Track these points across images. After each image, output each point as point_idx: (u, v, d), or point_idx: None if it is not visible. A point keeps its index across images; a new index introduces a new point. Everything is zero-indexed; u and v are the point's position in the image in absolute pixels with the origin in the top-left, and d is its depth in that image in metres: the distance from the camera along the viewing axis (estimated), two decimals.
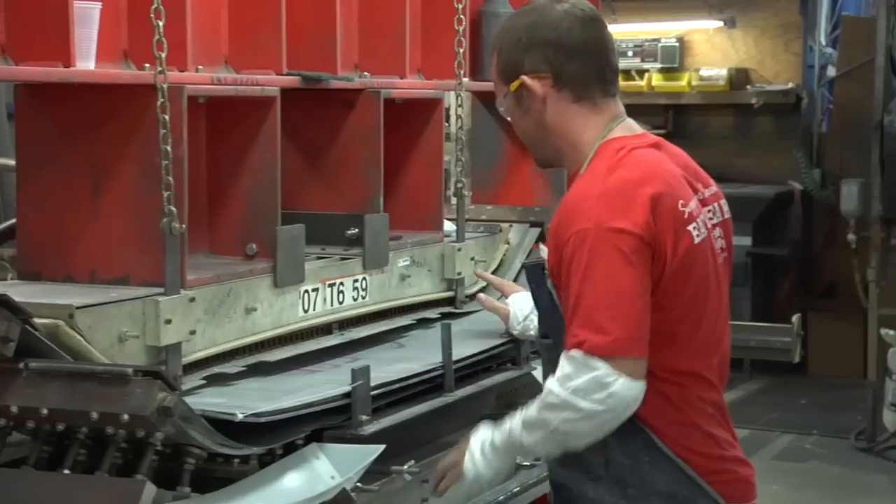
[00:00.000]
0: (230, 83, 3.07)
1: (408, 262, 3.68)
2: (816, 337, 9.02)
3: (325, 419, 2.84)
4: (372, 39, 3.64)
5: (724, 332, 2.71)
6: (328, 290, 3.36)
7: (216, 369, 2.95)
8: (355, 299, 3.46)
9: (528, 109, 2.68)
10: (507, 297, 3.53)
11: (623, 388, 2.46)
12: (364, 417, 2.87)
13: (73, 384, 2.41)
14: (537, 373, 3.46)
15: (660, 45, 10.50)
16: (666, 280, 2.51)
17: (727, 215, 2.75)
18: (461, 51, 3.80)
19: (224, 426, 2.57)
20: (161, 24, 2.76)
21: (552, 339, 2.65)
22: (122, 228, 2.89)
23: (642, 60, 10.53)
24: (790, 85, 10.24)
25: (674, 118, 10.69)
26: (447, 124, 3.90)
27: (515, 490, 3.33)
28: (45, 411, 2.44)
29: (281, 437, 2.71)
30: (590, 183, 2.56)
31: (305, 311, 3.27)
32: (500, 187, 4.68)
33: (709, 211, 2.66)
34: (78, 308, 2.62)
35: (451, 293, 3.89)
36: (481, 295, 3.64)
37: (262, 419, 2.63)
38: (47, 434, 2.53)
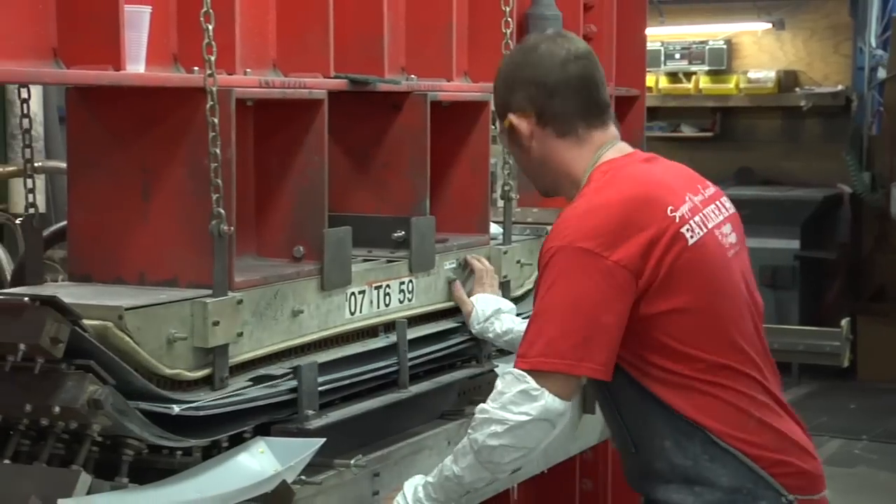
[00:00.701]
0: (278, 86, 3.09)
1: (454, 265, 3.68)
2: (865, 341, 8.96)
3: (271, 413, 2.90)
4: (419, 42, 3.64)
5: (757, 324, 2.78)
6: (374, 292, 3.36)
7: (262, 371, 2.97)
8: (401, 302, 3.46)
9: (520, 145, 2.83)
10: (473, 294, 3.56)
11: (550, 402, 2.58)
12: (310, 412, 2.93)
13: (10, 377, 2.44)
14: (499, 370, 3.50)
15: (707, 47, 10.47)
16: (659, 288, 2.60)
17: (731, 210, 2.83)
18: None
19: (169, 419, 2.62)
20: (210, 27, 2.78)
21: None
22: (171, 231, 2.91)
23: (689, 63, 10.50)
24: (839, 87, 10.17)
25: (721, 121, 10.64)
26: (493, 127, 3.89)
27: None
28: None
29: (226, 431, 2.76)
30: (575, 205, 2.70)
31: (352, 314, 3.28)
32: None
33: (711, 210, 2.74)
34: (127, 310, 2.64)
35: None
36: (456, 283, 3.65)
37: (201, 413, 2.67)
38: None
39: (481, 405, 2.66)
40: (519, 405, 2.58)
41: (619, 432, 2.81)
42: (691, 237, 2.63)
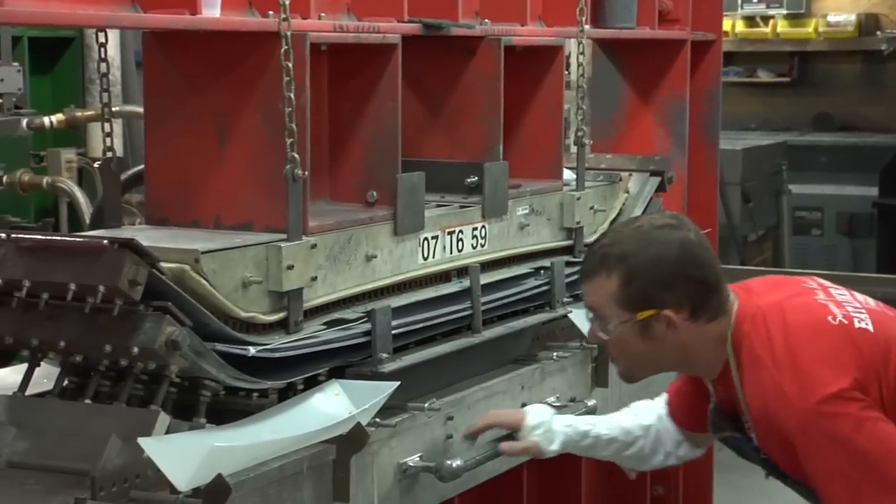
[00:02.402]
0: (352, 30, 3.09)
1: (527, 211, 3.68)
2: None
3: (346, 356, 2.92)
4: None
5: None
6: (447, 237, 3.37)
7: (336, 315, 2.99)
8: (474, 247, 3.47)
9: (653, 338, 2.68)
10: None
11: None
12: (384, 355, 2.94)
13: (90, 318, 2.46)
14: (573, 315, 3.48)
15: None
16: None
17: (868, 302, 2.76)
18: None
19: (245, 361, 2.64)
20: None
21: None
22: (246, 175, 2.93)
23: (767, 6, 10.33)
24: None
25: (799, 66, 10.48)
26: (567, 72, 3.87)
27: None
28: (62, 344, 2.51)
29: (300, 373, 2.78)
30: (775, 361, 2.55)
31: (425, 259, 3.29)
32: (620, 136, 4.65)
33: (838, 294, 2.73)
34: (203, 253, 2.66)
35: (569, 242, 3.88)
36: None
37: (276, 355, 2.69)
38: (71, 366, 2.61)
39: None
40: None
41: None
42: (858, 321, 2.60)
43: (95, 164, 3.24)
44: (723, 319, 2.67)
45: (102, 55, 3.03)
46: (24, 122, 4.89)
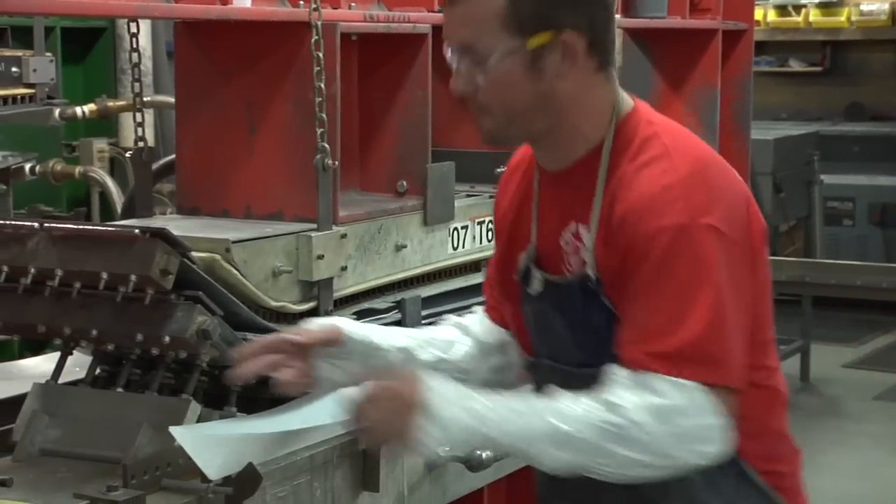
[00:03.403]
0: (382, 20, 3.09)
1: None
2: None
3: None
4: None
5: None
6: (477, 227, 3.37)
7: (366, 305, 2.99)
8: None
9: (540, 73, 2.08)
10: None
11: (728, 442, 2.00)
12: None
13: (122, 307, 2.47)
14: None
15: None
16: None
17: None
18: None
19: None
20: None
21: (595, 364, 2.06)
22: (277, 165, 2.94)
23: None
24: None
25: (831, 55, 10.42)
26: None
27: None
28: (94, 332, 2.52)
29: None
30: (664, 168, 2.04)
31: (454, 249, 3.29)
32: None
33: None
34: (234, 242, 2.68)
35: None
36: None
37: None
38: (103, 355, 2.62)
39: (630, 407, 1.95)
40: (696, 443, 1.97)
41: None
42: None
43: (127, 154, 3.25)
44: (612, 81, 2.14)
45: (134, 45, 3.04)
46: (57, 112, 4.91)
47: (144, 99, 3.18)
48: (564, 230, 2.14)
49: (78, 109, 5.20)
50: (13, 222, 2.57)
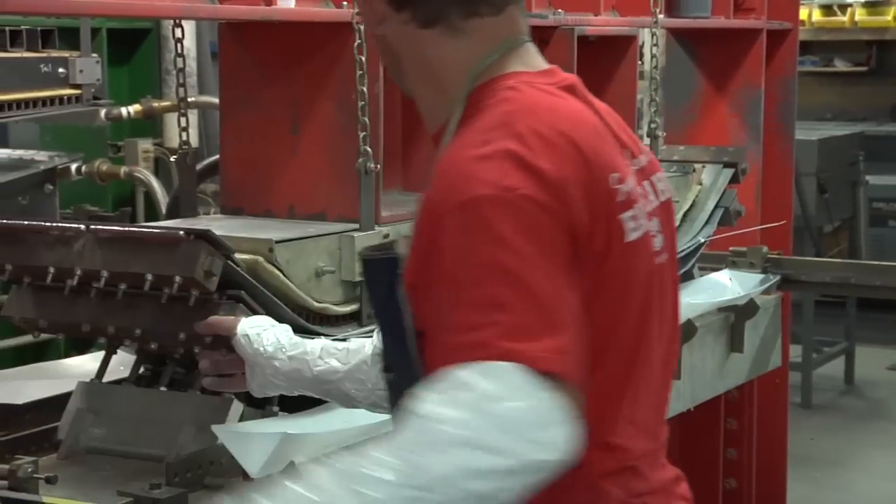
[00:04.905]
0: None
1: None
2: None
3: None
4: None
5: (668, 387, 1.87)
6: None
7: None
8: None
9: (369, 23, 1.87)
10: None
11: (573, 428, 1.56)
12: None
13: (165, 307, 2.48)
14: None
15: None
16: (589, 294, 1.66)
17: (665, 195, 1.86)
18: None
19: None
20: None
21: (396, 372, 1.77)
22: (320, 165, 2.95)
23: None
24: None
25: (877, 55, 10.33)
26: (641, 62, 3.84)
27: None
28: (138, 332, 2.53)
29: None
30: (468, 141, 1.67)
31: None
32: (694, 127, 4.62)
33: (648, 190, 1.81)
34: (277, 242, 2.69)
35: None
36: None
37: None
38: (147, 354, 2.64)
39: (430, 403, 1.55)
40: (527, 431, 1.54)
41: None
42: (632, 230, 1.72)
43: (172, 159, 3.27)
44: (459, 43, 1.77)
45: (179, 51, 3.06)
46: (103, 112, 4.95)
47: (189, 99, 3.20)
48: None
49: (123, 110, 5.24)
50: (60, 224, 2.60)
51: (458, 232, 1.60)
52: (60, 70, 4.12)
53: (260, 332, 2.20)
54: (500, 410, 1.51)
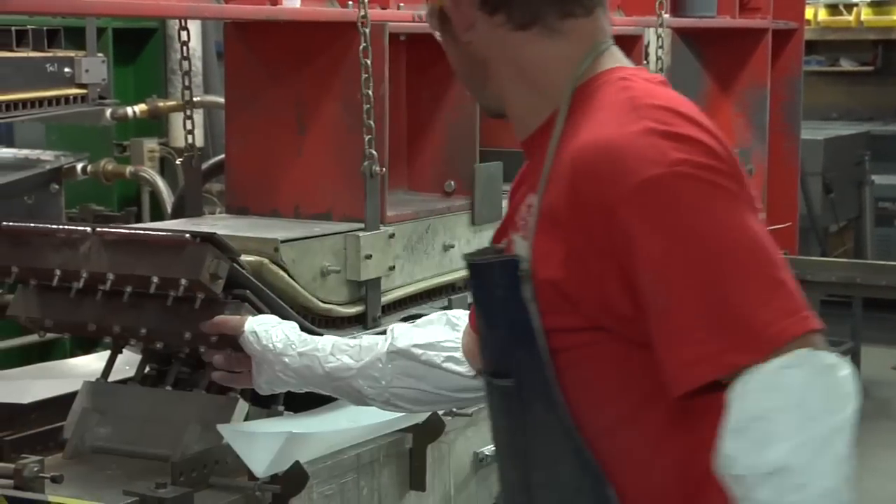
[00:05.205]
0: None
1: None
2: None
3: None
4: None
5: None
6: None
7: (413, 310, 2.99)
8: None
9: (455, 34, 1.80)
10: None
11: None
12: None
13: (171, 308, 2.48)
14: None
15: None
16: None
17: None
18: None
19: None
20: None
21: (517, 377, 1.69)
22: (326, 165, 2.95)
23: None
24: None
25: (883, 55, 10.31)
26: (646, 62, 3.84)
27: None
28: (144, 331, 2.54)
29: None
30: (603, 130, 1.62)
31: None
32: None
33: None
34: (283, 242, 2.69)
35: None
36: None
37: None
38: (152, 353, 2.65)
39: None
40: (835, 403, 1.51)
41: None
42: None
43: (178, 162, 3.27)
44: (558, 44, 1.74)
45: (185, 54, 3.05)
46: (108, 112, 4.95)
47: (194, 99, 3.20)
48: (521, 205, 1.76)
49: (129, 109, 5.24)
50: (66, 227, 2.60)
51: (653, 214, 1.54)
52: (66, 70, 4.12)
53: (268, 328, 2.21)
54: (833, 422, 1.49)
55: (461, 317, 2.12)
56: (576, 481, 1.66)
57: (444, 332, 2.12)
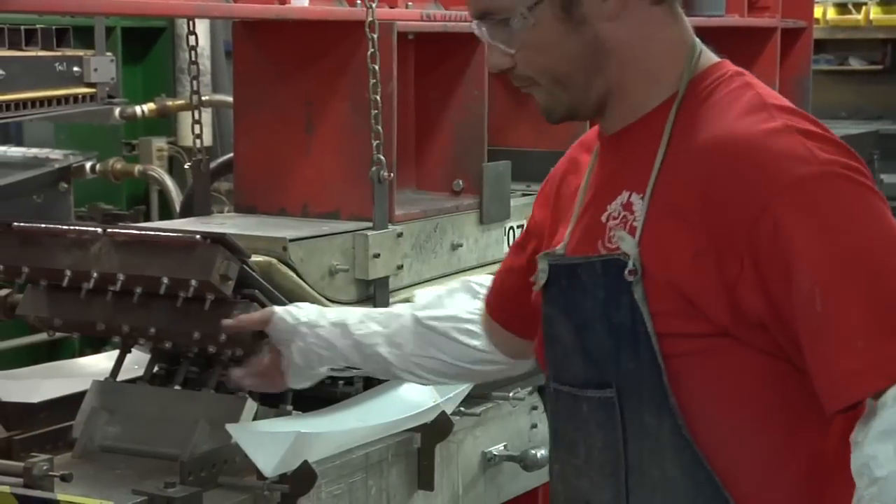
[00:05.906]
0: (439, 19, 3.09)
1: None
2: None
3: None
4: None
5: None
6: None
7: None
8: None
9: (581, 20, 1.65)
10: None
11: None
12: None
13: (180, 307, 2.48)
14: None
15: None
16: None
17: None
18: None
19: None
20: None
21: (629, 379, 1.61)
22: (334, 164, 2.95)
23: None
24: None
25: (892, 53, 10.29)
26: None
27: None
28: (152, 331, 2.54)
29: None
30: (743, 126, 1.57)
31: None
32: None
33: None
34: (291, 241, 2.69)
35: None
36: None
37: None
38: (161, 353, 2.65)
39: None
40: None
41: None
42: None
43: (186, 166, 3.27)
44: (679, 18, 1.69)
45: (193, 58, 3.05)
46: (117, 111, 4.96)
47: (202, 98, 3.20)
48: (613, 202, 1.66)
49: (137, 108, 5.24)
50: (76, 227, 2.60)
51: (812, 213, 1.48)
52: (75, 69, 4.13)
53: (298, 307, 2.22)
54: None
55: (483, 283, 2.09)
56: (689, 498, 1.59)
57: (464, 302, 2.11)
